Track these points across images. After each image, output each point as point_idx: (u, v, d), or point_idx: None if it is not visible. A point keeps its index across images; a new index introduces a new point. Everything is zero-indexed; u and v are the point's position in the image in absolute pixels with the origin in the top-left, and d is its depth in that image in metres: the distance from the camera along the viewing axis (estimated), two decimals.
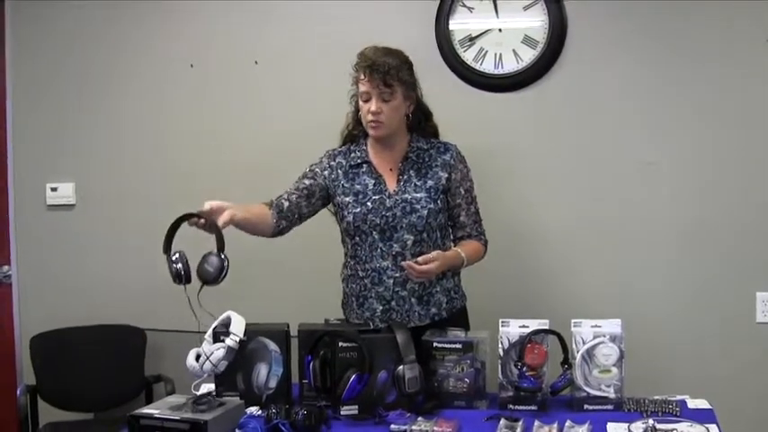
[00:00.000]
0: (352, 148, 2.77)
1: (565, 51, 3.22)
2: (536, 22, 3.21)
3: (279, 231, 2.67)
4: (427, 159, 2.72)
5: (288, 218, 2.66)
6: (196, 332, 2.43)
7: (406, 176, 2.69)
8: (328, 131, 2.83)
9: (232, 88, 3.59)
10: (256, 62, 3.55)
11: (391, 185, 2.69)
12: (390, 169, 2.71)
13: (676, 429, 1.85)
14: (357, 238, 2.69)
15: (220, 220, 2.34)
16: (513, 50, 3.24)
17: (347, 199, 2.68)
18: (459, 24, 3.29)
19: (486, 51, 3.27)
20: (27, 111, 3.83)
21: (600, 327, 2.38)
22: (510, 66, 3.25)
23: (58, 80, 3.79)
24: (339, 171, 2.72)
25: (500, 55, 3.26)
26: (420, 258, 2.50)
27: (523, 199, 3.31)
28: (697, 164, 3.16)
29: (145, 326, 3.69)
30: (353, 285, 2.74)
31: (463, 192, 2.75)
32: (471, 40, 3.28)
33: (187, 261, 2.33)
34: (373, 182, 2.69)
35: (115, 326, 3.68)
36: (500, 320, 2.44)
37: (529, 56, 3.23)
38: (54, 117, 3.80)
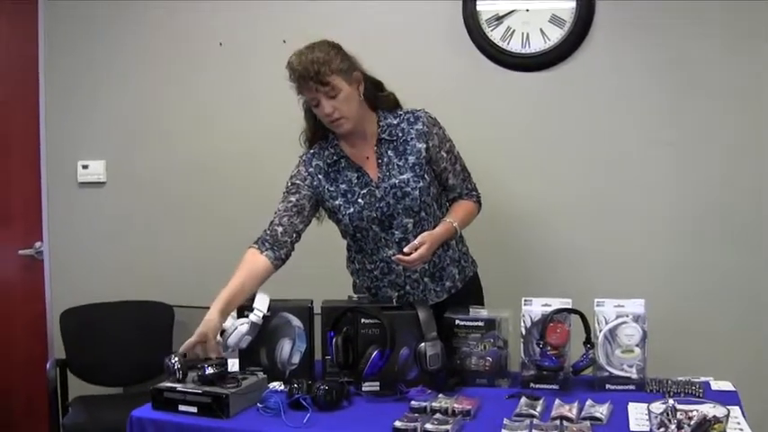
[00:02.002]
0: (323, 145, 2.66)
1: (592, 31, 3.18)
2: (564, 2, 3.17)
3: (283, 260, 2.56)
4: (401, 135, 2.61)
5: (286, 243, 2.56)
6: None
7: (386, 159, 2.60)
8: None
9: (260, 67, 3.60)
10: (284, 41, 3.56)
11: (373, 173, 2.61)
12: (367, 157, 2.62)
13: (697, 410, 1.83)
14: (358, 235, 2.64)
15: (211, 352, 2.32)
16: (541, 30, 3.21)
17: (337, 202, 2.60)
18: (487, 4, 3.26)
19: (514, 30, 3.24)
20: (59, 89, 3.90)
21: (623, 306, 2.37)
22: (537, 45, 3.23)
23: (89, 59, 3.85)
24: (319, 176, 2.62)
25: (527, 34, 3.23)
26: (406, 248, 2.44)
27: (548, 177, 3.29)
28: (724, 146, 3.11)
29: (173, 302, 3.74)
30: (364, 278, 2.71)
31: (445, 154, 2.65)
32: (498, 19, 3.26)
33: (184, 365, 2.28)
34: (356, 175, 2.60)
35: (144, 302, 3.74)
36: (523, 299, 2.44)
37: (556, 35, 3.20)
38: (85, 96, 3.87)
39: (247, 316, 2.43)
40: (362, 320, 2.35)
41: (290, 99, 3.51)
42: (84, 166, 3.88)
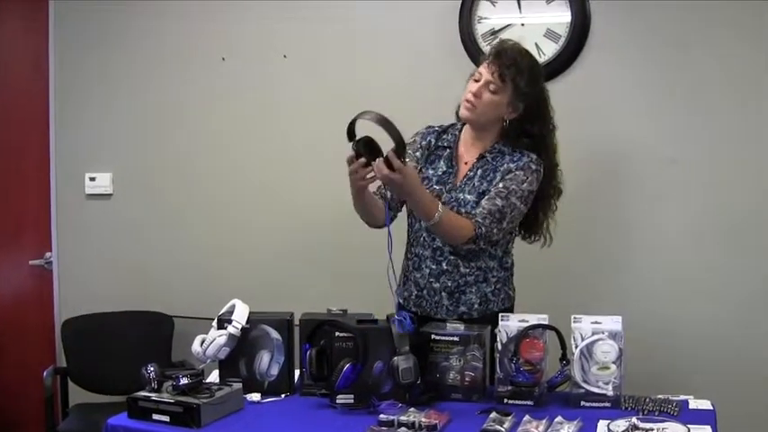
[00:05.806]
0: (449, 130, 2.75)
1: (588, 46, 3.17)
2: (559, 17, 3.17)
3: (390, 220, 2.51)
4: (498, 164, 2.62)
5: (392, 208, 2.65)
6: None
7: (471, 173, 2.64)
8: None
9: (262, 80, 3.65)
10: (285, 56, 3.61)
11: (459, 178, 2.65)
12: (465, 162, 2.68)
13: (656, 428, 1.82)
14: (411, 219, 2.72)
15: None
16: (536, 44, 3.20)
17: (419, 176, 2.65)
18: (483, 18, 3.27)
19: None
20: (68, 104, 3.98)
21: (600, 323, 2.35)
22: None
23: (97, 74, 3.92)
24: (426, 152, 2.72)
25: None
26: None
27: None
28: (716, 162, 3.08)
29: (175, 313, 3.78)
30: (405, 263, 2.76)
31: (500, 185, 2.57)
32: (494, 33, 3.26)
33: None
34: (445, 169, 2.68)
35: (145, 312, 3.79)
36: (500, 315, 2.44)
37: (551, 50, 3.20)
38: (93, 110, 3.94)
39: (226, 328, 2.46)
40: (337, 334, 2.37)
41: (292, 115, 3.59)
42: (92, 179, 3.94)
